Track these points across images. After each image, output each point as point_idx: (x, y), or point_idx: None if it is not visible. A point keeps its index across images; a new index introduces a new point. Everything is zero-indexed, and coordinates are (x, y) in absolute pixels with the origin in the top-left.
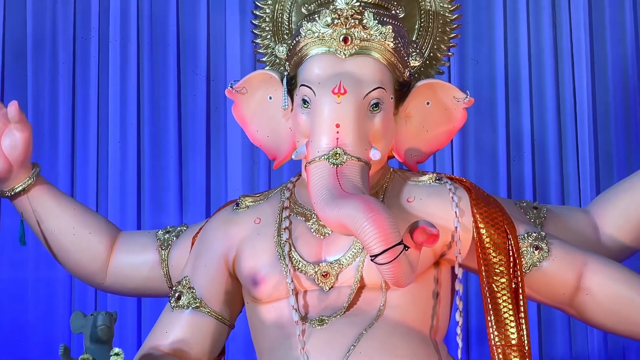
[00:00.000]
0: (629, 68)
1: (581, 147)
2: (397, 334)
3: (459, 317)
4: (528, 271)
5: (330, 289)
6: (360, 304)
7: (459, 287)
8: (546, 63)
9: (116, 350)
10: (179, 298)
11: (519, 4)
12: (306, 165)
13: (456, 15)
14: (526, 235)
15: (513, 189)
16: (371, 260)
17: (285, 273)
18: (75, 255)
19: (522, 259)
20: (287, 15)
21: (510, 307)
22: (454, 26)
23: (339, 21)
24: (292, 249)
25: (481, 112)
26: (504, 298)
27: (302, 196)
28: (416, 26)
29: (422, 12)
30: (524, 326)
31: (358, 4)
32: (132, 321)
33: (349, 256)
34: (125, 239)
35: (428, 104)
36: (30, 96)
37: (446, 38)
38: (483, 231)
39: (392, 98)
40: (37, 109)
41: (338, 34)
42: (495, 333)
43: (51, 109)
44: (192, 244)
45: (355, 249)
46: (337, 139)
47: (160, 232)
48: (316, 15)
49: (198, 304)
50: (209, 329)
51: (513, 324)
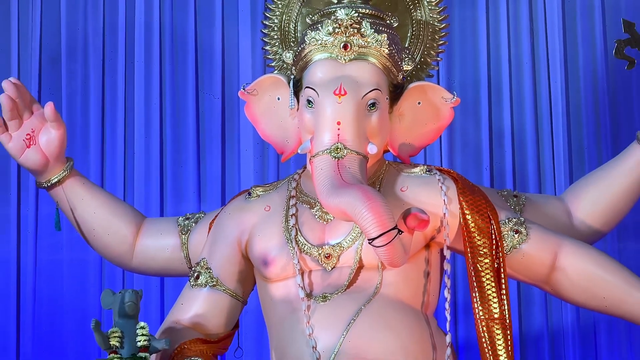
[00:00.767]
0: (598, 71)
1: (556, 142)
2: (392, 309)
3: (447, 294)
4: (509, 253)
5: (332, 269)
6: (359, 282)
7: (447, 267)
8: (524, 67)
9: (141, 324)
10: (197, 277)
11: (500, 14)
12: (310, 159)
13: (444, 25)
14: (507, 220)
15: (495, 179)
16: (369, 243)
17: (292, 255)
18: (105, 239)
19: (504, 242)
20: (293, 25)
21: (493, 284)
22: (442, 34)
23: (340, 30)
24: (299, 233)
25: (466, 111)
26: (488, 277)
27: (307, 186)
28: (408, 34)
29: (414, 21)
30: (505, 302)
31: (356, 14)
32: (155, 298)
33: (349, 240)
34: (149, 224)
35: (419, 103)
36: (64, 97)
37: (435, 45)
38: (469, 217)
39: (387, 98)
40: (71, 109)
41: (339, 41)
42: (480, 308)
43: (83, 109)
44: (209, 229)
45: (354, 233)
46: (338, 135)
47: (180, 218)
48: (319, 25)
49: (214, 283)
50: (224, 305)
51: (495, 300)
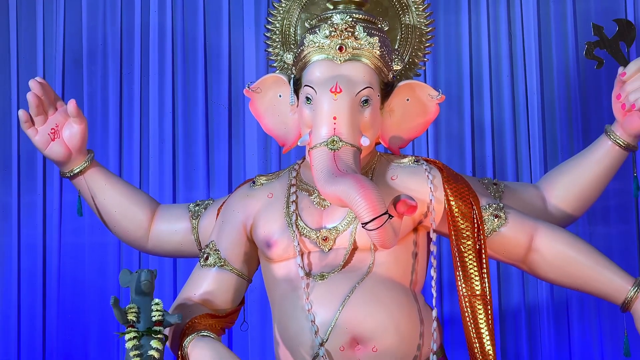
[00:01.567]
0: (570, 70)
1: (532, 134)
2: (383, 287)
3: (433, 273)
4: (489, 235)
5: (329, 250)
6: (354, 262)
7: (433, 248)
8: (503, 66)
9: (156, 300)
10: (207, 258)
11: (481, 19)
12: (309, 150)
13: (430, 29)
14: (487, 206)
15: (477, 168)
16: (362, 227)
17: (293, 238)
18: (123, 224)
19: (484, 226)
20: (293, 29)
21: (475, 264)
22: (429, 37)
23: (335, 33)
24: (298, 218)
25: (451, 106)
26: (470, 257)
27: (306, 175)
28: (398, 37)
29: (403, 26)
30: (486, 280)
31: (351, 19)
32: (168, 277)
33: (344, 224)
34: (163, 210)
35: (408, 100)
36: (85, 95)
37: (422, 47)
38: (453, 203)
39: (378, 95)
40: (91, 105)
41: (335, 44)
42: (463, 285)
43: (102, 106)
44: (217, 214)
45: (349, 217)
46: (334, 129)
47: (191, 205)
48: (317, 29)
49: (222, 263)
50: (231, 283)
51: (477, 278)
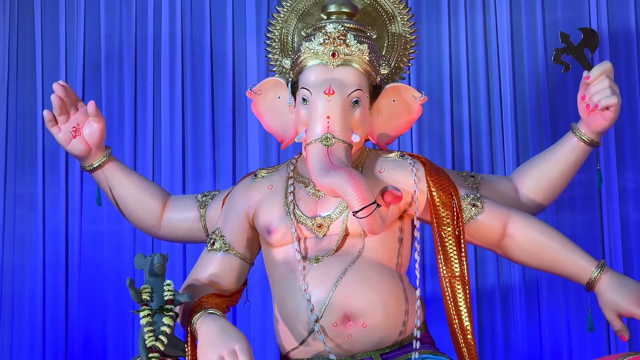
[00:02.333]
0: (540, 73)
1: (505, 131)
2: (372, 269)
3: (417, 256)
4: (467, 222)
5: (323, 236)
6: (346, 247)
7: (417, 234)
8: (479, 70)
9: (168, 281)
10: (213, 244)
11: (460, 28)
12: (305, 146)
13: (414, 37)
14: (466, 196)
15: (456, 162)
16: (353, 215)
17: (290, 225)
18: (137, 213)
19: (463, 214)
20: (291, 37)
21: (455, 248)
22: (413, 44)
23: (329, 41)
24: (296, 207)
25: (432, 106)
26: (450, 242)
27: (303, 169)
28: (385, 44)
29: (390, 34)
30: (464, 263)
31: (342, 28)
32: (179, 261)
33: (336, 212)
34: (173, 201)
35: (394, 101)
36: (103, 97)
37: (407, 53)
38: (434, 193)
39: (367, 97)
40: (109, 106)
41: (328, 50)
42: (444, 268)
43: (119, 106)
44: (223, 204)
45: (341, 206)
46: (328, 127)
47: (199, 195)
48: (312, 37)
49: (227, 248)
50: (235, 266)
51: (457, 261)
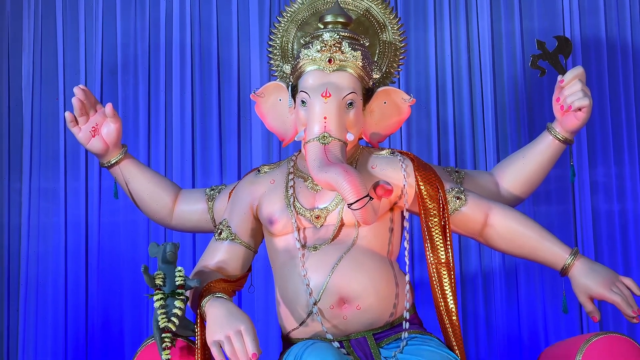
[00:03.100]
0: (518, 77)
1: (487, 131)
2: (365, 256)
3: (406, 244)
4: (452, 214)
5: (321, 226)
6: (341, 236)
7: (406, 224)
8: (463, 75)
9: (179, 268)
10: (220, 233)
11: (445, 36)
12: (304, 144)
13: (403, 44)
14: (451, 189)
15: (442, 159)
16: (348, 207)
17: (291, 216)
18: (151, 206)
19: (448, 206)
20: (291, 45)
21: (441, 237)
22: (402, 51)
23: (325, 48)
24: (295, 200)
25: (420, 108)
26: (436, 232)
27: (302, 165)
28: (377, 51)
29: (381, 42)
30: (449, 250)
31: (338, 37)
32: (189, 249)
33: (333, 204)
34: (184, 194)
35: (385, 103)
36: (120, 100)
37: (397, 59)
38: (422, 187)
39: (361, 99)
40: (125, 108)
41: (325, 56)
42: (431, 255)
43: (134, 108)
44: (229, 197)
45: (337, 199)
46: (324, 126)
47: (207, 189)
48: (310, 44)
49: (233, 237)
50: (241, 253)
51: (442, 249)
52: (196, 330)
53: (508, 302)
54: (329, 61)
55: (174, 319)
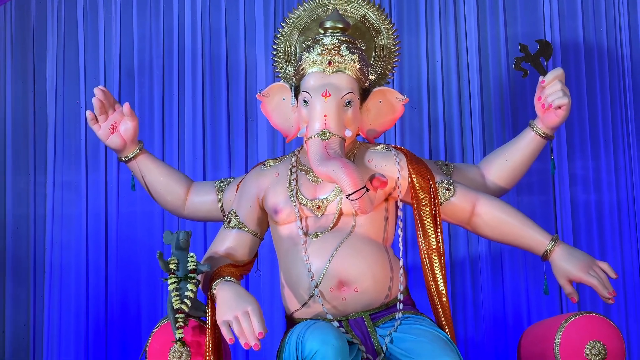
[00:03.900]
0: (502, 78)
1: (474, 127)
2: (362, 242)
3: (400, 232)
4: (442, 204)
5: (321, 215)
6: (340, 224)
7: (400, 213)
8: (452, 76)
9: (191, 254)
10: (229, 222)
11: (435, 40)
12: (306, 140)
13: (397, 48)
14: (441, 181)
15: (432, 153)
16: (346, 197)
17: (294, 206)
18: (165, 197)
19: (439, 196)
20: (294, 48)
21: (432, 225)
22: (396, 55)
23: (325, 52)
24: (298, 191)
25: (412, 107)
26: (428, 220)
27: (304, 159)
28: (373, 54)
29: (377, 46)
30: (440, 237)
31: (337, 41)
32: (200, 237)
33: (332, 195)
34: (196, 186)
35: (380, 102)
36: (136, 99)
37: (391, 61)
38: (414, 179)
39: (358, 98)
40: (141, 107)
41: (325, 59)
42: (423, 241)
43: (149, 107)
44: (237, 189)
45: (336, 190)
46: (325, 123)
47: (217, 182)
48: (311, 48)
49: (241, 226)
50: (248, 240)
51: (433, 236)
52: (207, 311)
53: (493, 285)
54: (329, 63)
55: (186, 300)
